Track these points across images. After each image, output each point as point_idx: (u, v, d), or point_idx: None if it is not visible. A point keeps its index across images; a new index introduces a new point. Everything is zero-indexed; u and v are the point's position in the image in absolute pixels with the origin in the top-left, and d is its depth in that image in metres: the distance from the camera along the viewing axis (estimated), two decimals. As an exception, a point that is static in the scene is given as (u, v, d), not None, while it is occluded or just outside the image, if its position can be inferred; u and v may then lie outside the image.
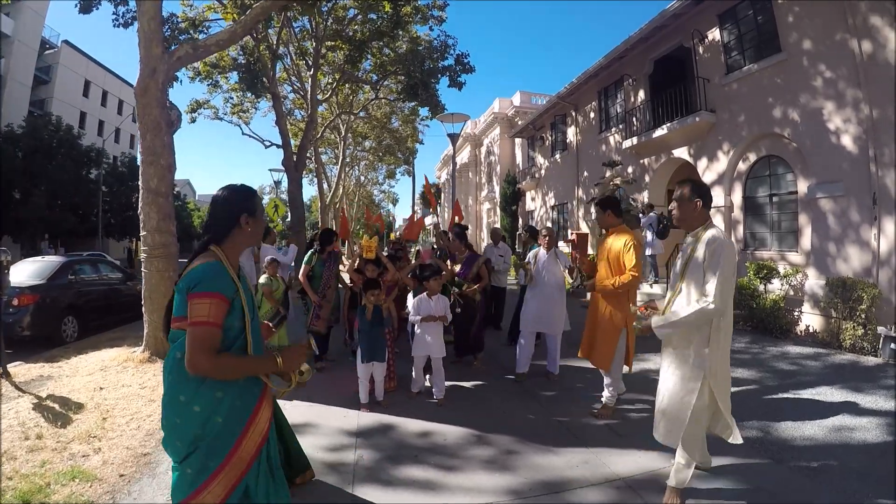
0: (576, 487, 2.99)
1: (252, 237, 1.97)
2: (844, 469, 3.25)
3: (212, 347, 1.68)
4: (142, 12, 5.53)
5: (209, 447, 1.74)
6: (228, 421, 1.76)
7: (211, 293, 1.71)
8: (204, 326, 1.68)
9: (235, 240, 1.90)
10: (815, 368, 6.07)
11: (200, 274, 1.74)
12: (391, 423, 4.02)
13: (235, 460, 1.76)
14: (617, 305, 4.04)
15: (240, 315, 1.80)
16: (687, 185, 2.83)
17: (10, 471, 3.20)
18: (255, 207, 1.94)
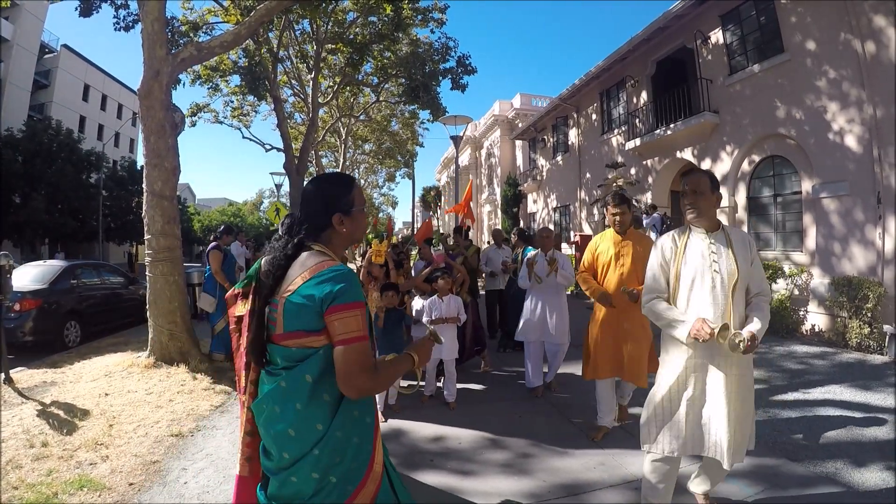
0: (594, 489, 2.96)
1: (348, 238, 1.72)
2: (859, 468, 3.24)
3: (371, 364, 1.51)
4: (145, 14, 5.50)
5: (349, 470, 1.56)
6: (363, 439, 1.59)
7: (358, 303, 1.51)
8: (359, 342, 1.48)
9: (336, 240, 1.67)
10: (823, 367, 6.07)
11: (343, 280, 1.51)
12: (404, 429, 3.97)
13: (372, 475, 1.60)
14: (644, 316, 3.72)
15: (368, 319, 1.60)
16: (705, 175, 2.48)
17: (15, 480, 3.13)
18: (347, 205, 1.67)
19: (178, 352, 5.51)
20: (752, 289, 2.43)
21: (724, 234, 2.44)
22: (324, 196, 1.66)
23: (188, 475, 3.19)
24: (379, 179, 40.05)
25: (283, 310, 1.52)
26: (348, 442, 1.54)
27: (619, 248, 3.73)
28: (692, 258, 2.46)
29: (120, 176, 31.12)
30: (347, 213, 1.65)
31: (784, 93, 8.86)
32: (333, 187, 1.69)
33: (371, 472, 1.58)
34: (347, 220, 1.65)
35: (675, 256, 2.51)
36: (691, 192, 2.44)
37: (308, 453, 1.50)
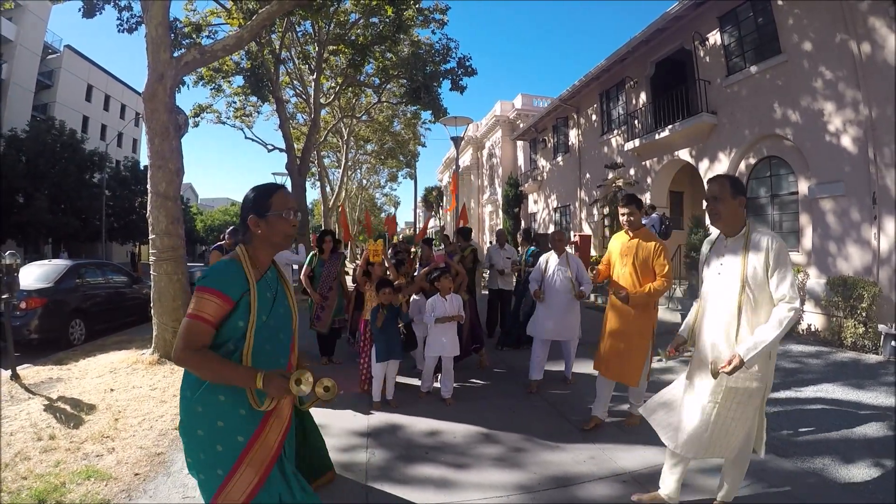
0: (583, 482, 3.05)
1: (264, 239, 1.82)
2: (847, 464, 3.31)
3: (193, 341, 1.64)
4: (149, 18, 5.61)
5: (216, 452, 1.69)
6: (232, 427, 1.69)
7: (209, 289, 1.67)
8: (192, 319, 1.65)
9: (254, 242, 1.82)
10: (817, 366, 6.12)
11: (208, 270, 1.75)
12: (401, 423, 4.07)
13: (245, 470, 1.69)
14: (645, 314, 3.77)
15: (245, 316, 1.71)
16: (727, 180, 2.48)
17: (24, 471, 3.22)
18: (265, 208, 1.80)
19: (182, 349, 5.61)
20: (774, 294, 2.32)
21: (745, 238, 2.41)
22: (245, 202, 1.84)
23: (192, 467, 3.29)
24: (381, 179, 40.16)
25: None
26: (210, 423, 1.68)
27: (626, 248, 3.87)
28: (712, 263, 2.55)
29: (123, 176, 31.31)
30: (262, 216, 1.78)
31: (781, 94, 8.94)
32: (254, 194, 1.84)
33: (242, 466, 1.68)
34: (262, 222, 1.78)
35: (703, 261, 2.63)
36: (711, 198, 2.46)
37: (182, 418, 1.74)
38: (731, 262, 2.42)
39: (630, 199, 3.89)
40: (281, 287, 1.91)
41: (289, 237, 1.87)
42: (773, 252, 2.31)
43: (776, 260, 2.31)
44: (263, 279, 1.82)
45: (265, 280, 1.82)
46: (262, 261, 1.83)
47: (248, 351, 1.70)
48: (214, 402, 1.68)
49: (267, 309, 1.78)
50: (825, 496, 2.92)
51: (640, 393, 3.92)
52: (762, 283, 2.33)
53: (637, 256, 3.75)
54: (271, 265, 1.91)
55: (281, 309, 1.85)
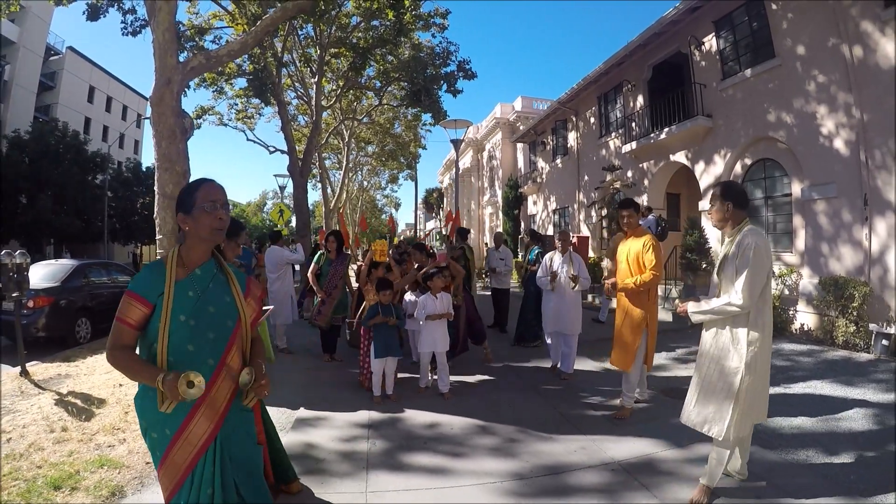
0: (574, 470, 3.20)
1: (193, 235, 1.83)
2: (831, 455, 3.44)
3: (115, 341, 1.74)
4: (157, 24, 5.74)
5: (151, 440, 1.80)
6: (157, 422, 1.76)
7: (129, 292, 1.76)
8: (116, 321, 1.75)
9: (187, 240, 1.84)
10: (808, 364, 6.26)
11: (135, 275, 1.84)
12: (401, 416, 4.24)
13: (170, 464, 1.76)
14: (638, 305, 4.09)
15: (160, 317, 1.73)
16: (718, 188, 2.89)
17: (39, 460, 3.38)
18: (188, 205, 1.80)
19: (187, 346, 5.75)
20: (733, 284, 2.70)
21: (736, 235, 2.79)
22: (177, 201, 1.87)
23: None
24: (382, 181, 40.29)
25: None
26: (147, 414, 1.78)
27: (625, 246, 4.32)
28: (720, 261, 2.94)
29: (125, 177, 31.51)
30: (188, 212, 1.80)
31: (775, 97, 9.06)
32: (182, 192, 1.88)
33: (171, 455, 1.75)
34: (189, 218, 1.80)
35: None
36: (710, 203, 2.94)
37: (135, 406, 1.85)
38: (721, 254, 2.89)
39: (628, 202, 4.38)
40: (218, 285, 1.87)
41: (217, 231, 1.82)
42: (744, 247, 2.68)
43: (742, 257, 2.68)
44: (189, 278, 1.80)
45: (191, 278, 1.81)
46: (193, 258, 1.83)
47: (163, 350, 1.71)
48: (149, 396, 1.73)
49: (187, 308, 1.77)
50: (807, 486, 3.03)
51: (633, 385, 4.19)
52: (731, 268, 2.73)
53: (631, 253, 4.13)
54: (209, 262, 1.88)
55: (211, 307, 1.82)
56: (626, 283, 4.07)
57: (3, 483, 3.03)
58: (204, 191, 1.82)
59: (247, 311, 1.93)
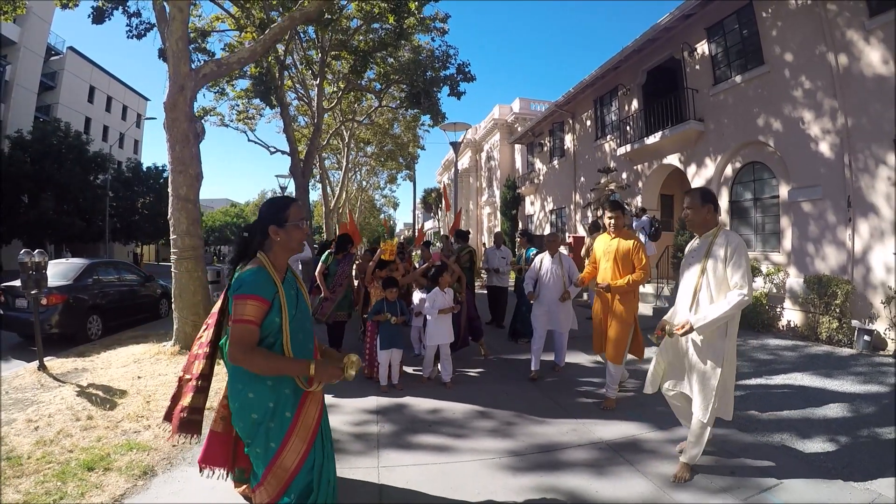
0: (565, 448, 3.52)
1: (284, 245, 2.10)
2: (804, 439, 3.69)
3: (247, 342, 1.90)
4: (170, 33, 6.03)
5: (268, 429, 1.99)
6: (279, 405, 2.00)
7: (251, 295, 1.93)
8: (241, 324, 1.91)
9: (273, 248, 2.09)
10: (791, 358, 6.50)
11: (243, 278, 1.98)
12: (407, 403, 4.55)
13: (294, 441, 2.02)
14: (627, 302, 4.32)
15: (279, 312, 1.98)
16: (697, 192, 3.07)
17: (69, 445, 3.61)
18: (283, 218, 2.08)
19: (201, 341, 6.03)
20: (730, 282, 2.85)
21: (713, 237, 2.98)
22: (265, 214, 2.13)
23: (223, 438, 3.72)
24: (380, 181, 40.54)
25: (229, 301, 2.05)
26: (262, 404, 1.99)
27: (608, 246, 4.49)
28: (687, 258, 3.16)
29: (126, 177, 31.70)
30: (281, 226, 2.07)
31: (764, 102, 9.36)
32: (272, 207, 2.14)
33: (292, 437, 2.01)
34: (282, 231, 2.07)
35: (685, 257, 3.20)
36: (688, 208, 3.08)
37: (236, 407, 2.04)
38: (697, 254, 3.04)
39: (616, 205, 4.58)
40: (298, 285, 2.20)
41: (301, 243, 2.17)
42: (731, 248, 2.86)
43: (733, 255, 2.85)
44: (286, 280, 2.11)
45: (287, 280, 2.12)
46: (280, 264, 2.11)
47: (287, 341, 1.99)
48: (263, 388, 1.99)
49: (294, 304, 2.07)
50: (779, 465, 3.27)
51: (617, 378, 4.45)
52: (721, 273, 2.87)
53: (618, 253, 4.35)
54: (288, 267, 2.19)
55: (303, 304, 2.15)
56: (620, 284, 4.27)
57: (38, 466, 3.25)
58: (295, 209, 2.13)
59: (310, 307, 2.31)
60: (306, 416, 2.07)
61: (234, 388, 2.04)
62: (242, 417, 2.02)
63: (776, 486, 2.98)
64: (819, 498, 2.84)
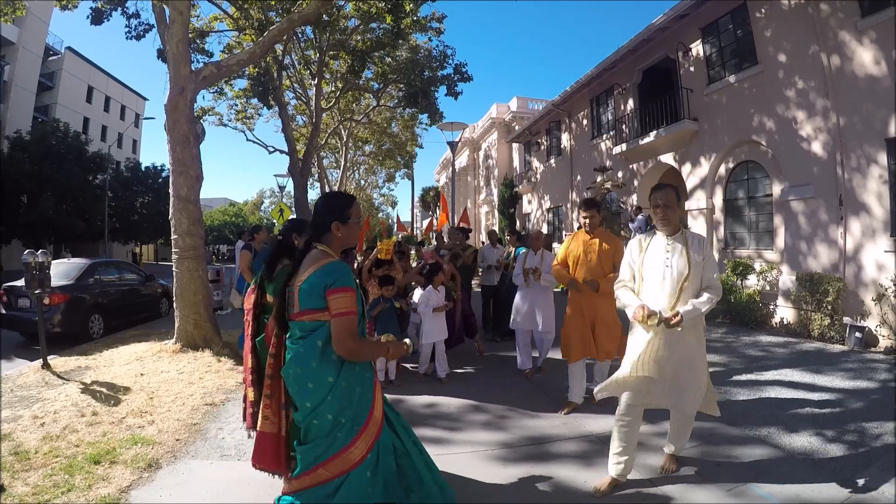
0: (555, 441, 3.65)
1: (343, 241, 2.22)
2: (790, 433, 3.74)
3: (354, 332, 2.03)
4: (170, 36, 6.12)
5: (355, 413, 2.09)
6: (364, 389, 2.14)
7: (348, 287, 2.04)
8: (348, 316, 2.01)
9: (333, 243, 2.19)
10: (782, 354, 6.59)
11: (333, 272, 2.05)
12: (403, 398, 4.67)
13: (373, 420, 2.15)
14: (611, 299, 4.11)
15: (360, 301, 2.14)
16: (672, 190, 3.00)
17: (75, 440, 3.71)
18: (346, 216, 2.19)
19: (202, 339, 6.16)
20: (703, 283, 2.89)
21: (683, 237, 2.96)
22: (329, 208, 2.22)
23: (224, 433, 3.85)
24: (379, 180, 40.69)
25: (298, 294, 2.08)
26: (352, 391, 2.09)
27: (587, 246, 4.34)
28: (651, 256, 3.02)
29: (124, 177, 31.77)
30: (344, 222, 2.18)
31: (757, 102, 9.47)
32: (337, 201, 2.24)
33: (372, 416, 2.14)
34: (343, 227, 2.18)
35: (640, 255, 3.09)
36: (664, 206, 2.98)
37: (324, 399, 2.05)
38: (676, 258, 2.93)
39: (591, 203, 4.43)
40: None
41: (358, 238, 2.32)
42: (707, 251, 2.91)
43: (708, 258, 2.90)
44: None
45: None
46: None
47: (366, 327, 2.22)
48: (354, 375, 2.10)
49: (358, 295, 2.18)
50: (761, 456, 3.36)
51: (604, 372, 4.37)
52: (698, 275, 2.89)
53: (598, 252, 4.27)
54: None
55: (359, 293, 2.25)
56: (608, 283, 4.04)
57: (45, 460, 3.36)
58: (356, 208, 2.25)
59: None
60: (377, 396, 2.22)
61: (323, 380, 2.06)
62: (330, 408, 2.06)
63: (760, 476, 3.07)
64: (802, 489, 2.91)
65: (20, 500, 2.79)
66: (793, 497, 2.84)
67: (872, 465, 3.18)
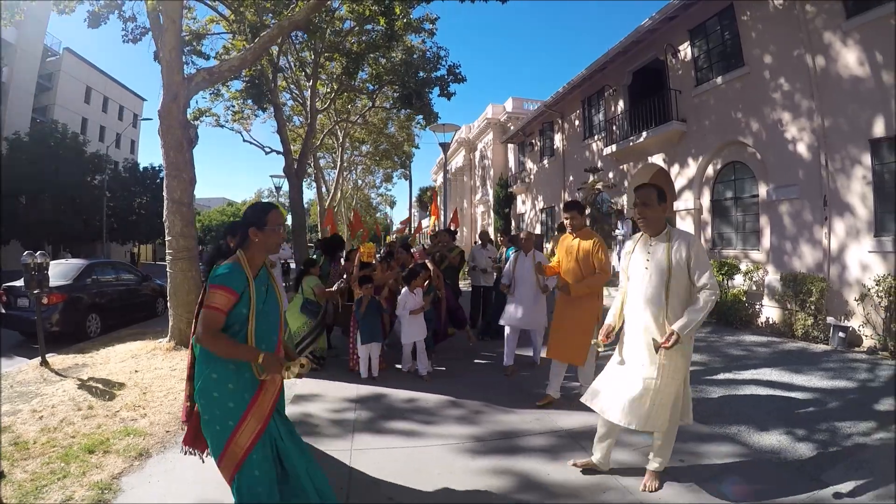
0: (525, 435, 3.81)
1: (261, 246, 2.33)
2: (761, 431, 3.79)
3: (212, 327, 2.13)
4: (163, 43, 6.28)
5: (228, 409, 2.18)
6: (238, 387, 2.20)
7: (224, 286, 2.17)
8: (210, 310, 2.14)
9: (251, 248, 2.32)
10: (764, 354, 6.65)
11: (219, 271, 2.22)
12: (384, 393, 4.86)
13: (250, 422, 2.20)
14: (588, 303, 4.29)
15: (247, 305, 2.19)
16: (653, 189, 2.91)
17: (71, 431, 3.91)
18: (263, 222, 2.29)
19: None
20: (696, 281, 2.78)
21: (667, 237, 2.86)
22: (249, 215, 2.35)
23: (213, 426, 4.02)
24: (376, 180, 40.80)
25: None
26: (223, 385, 2.19)
27: (569, 247, 4.49)
28: (636, 257, 2.98)
29: (122, 178, 31.89)
30: (261, 228, 2.30)
31: (744, 103, 9.56)
32: (255, 211, 2.37)
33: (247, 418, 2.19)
34: (260, 233, 2.30)
35: (628, 255, 3.07)
36: (641, 204, 2.91)
37: (200, 386, 2.23)
38: (657, 257, 2.86)
39: (571, 205, 4.57)
40: (270, 282, 2.41)
41: (278, 245, 2.41)
42: (693, 249, 2.79)
43: (697, 256, 2.78)
44: (259, 276, 2.33)
45: (260, 277, 2.34)
46: (256, 262, 2.35)
47: (251, 331, 2.21)
48: (226, 370, 2.20)
49: (262, 298, 2.29)
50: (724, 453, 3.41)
51: (589, 375, 4.39)
52: (684, 274, 2.81)
53: (579, 253, 4.37)
54: (263, 265, 2.41)
55: (271, 299, 2.36)
56: (580, 287, 4.25)
57: (43, 450, 3.54)
58: (274, 215, 2.36)
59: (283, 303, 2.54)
60: (262, 401, 2.26)
61: (200, 369, 2.26)
62: (204, 395, 2.22)
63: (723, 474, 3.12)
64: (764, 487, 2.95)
65: (20, 486, 2.97)
66: (752, 495, 2.87)
67: (839, 464, 3.22)
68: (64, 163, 24.50)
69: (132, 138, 43.13)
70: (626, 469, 3.22)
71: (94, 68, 37.84)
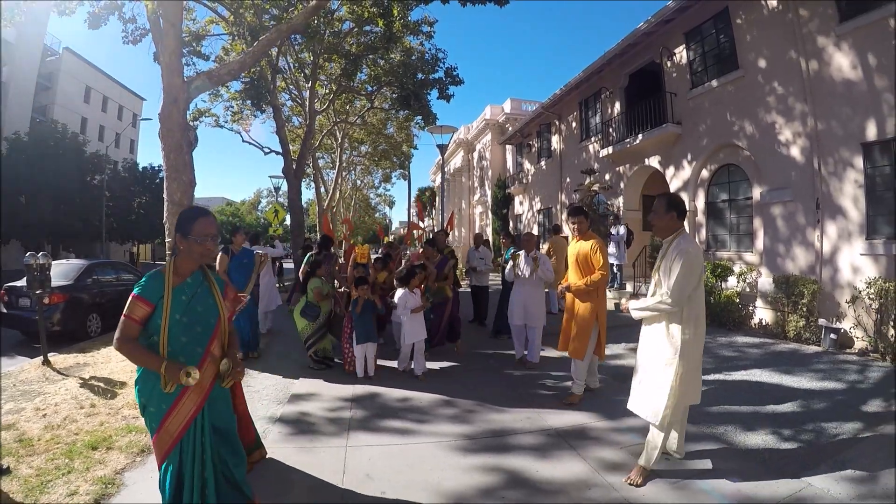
0: (515, 434, 3.91)
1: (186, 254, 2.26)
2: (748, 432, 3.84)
3: (124, 335, 2.14)
4: (163, 47, 6.35)
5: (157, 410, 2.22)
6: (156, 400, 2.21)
7: (135, 295, 2.17)
8: (124, 318, 2.16)
9: (180, 254, 2.28)
10: (755, 355, 6.70)
11: (140, 280, 2.22)
12: (379, 392, 4.97)
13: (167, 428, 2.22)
14: (590, 302, 4.49)
15: (161, 315, 2.16)
16: (663, 199, 3.21)
17: (75, 429, 4.01)
18: (187, 230, 2.22)
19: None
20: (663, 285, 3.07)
21: (670, 243, 3.14)
22: (177, 221, 2.31)
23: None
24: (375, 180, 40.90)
25: None
26: (153, 389, 2.20)
27: (574, 249, 4.75)
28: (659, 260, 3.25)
29: (122, 177, 31.94)
30: (185, 236, 2.24)
31: (738, 106, 9.66)
32: (182, 217, 2.31)
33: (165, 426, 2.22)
34: (183, 241, 2.24)
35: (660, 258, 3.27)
36: (653, 213, 3.26)
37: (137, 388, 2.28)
38: (663, 261, 3.16)
39: (577, 210, 4.78)
40: (204, 290, 2.32)
41: (205, 256, 2.30)
42: (680, 261, 2.99)
43: (674, 261, 3.01)
44: (182, 284, 2.26)
45: (184, 285, 2.26)
46: (185, 269, 2.28)
47: (164, 341, 2.17)
48: (150, 378, 2.21)
49: (181, 308, 2.21)
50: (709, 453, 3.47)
51: (582, 374, 4.64)
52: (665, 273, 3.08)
53: (579, 256, 4.62)
54: (197, 272, 2.33)
55: (199, 308, 2.27)
56: (579, 285, 4.50)
57: (47, 446, 3.64)
58: (200, 224, 2.26)
59: (224, 310, 2.41)
60: (181, 410, 2.24)
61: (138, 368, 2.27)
62: (136, 395, 2.28)
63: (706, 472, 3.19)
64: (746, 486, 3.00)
65: (25, 481, 3.07)
66: (734, 493, 2.93)
67: (823, 464, 3.27)
68: (63, 162, 24.53)
69: (132, 138, 43.20)
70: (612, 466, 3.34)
71: (93, 68, 37.89)
